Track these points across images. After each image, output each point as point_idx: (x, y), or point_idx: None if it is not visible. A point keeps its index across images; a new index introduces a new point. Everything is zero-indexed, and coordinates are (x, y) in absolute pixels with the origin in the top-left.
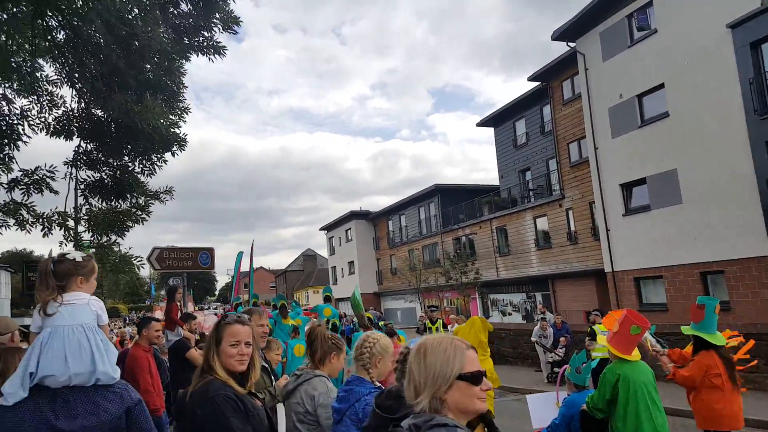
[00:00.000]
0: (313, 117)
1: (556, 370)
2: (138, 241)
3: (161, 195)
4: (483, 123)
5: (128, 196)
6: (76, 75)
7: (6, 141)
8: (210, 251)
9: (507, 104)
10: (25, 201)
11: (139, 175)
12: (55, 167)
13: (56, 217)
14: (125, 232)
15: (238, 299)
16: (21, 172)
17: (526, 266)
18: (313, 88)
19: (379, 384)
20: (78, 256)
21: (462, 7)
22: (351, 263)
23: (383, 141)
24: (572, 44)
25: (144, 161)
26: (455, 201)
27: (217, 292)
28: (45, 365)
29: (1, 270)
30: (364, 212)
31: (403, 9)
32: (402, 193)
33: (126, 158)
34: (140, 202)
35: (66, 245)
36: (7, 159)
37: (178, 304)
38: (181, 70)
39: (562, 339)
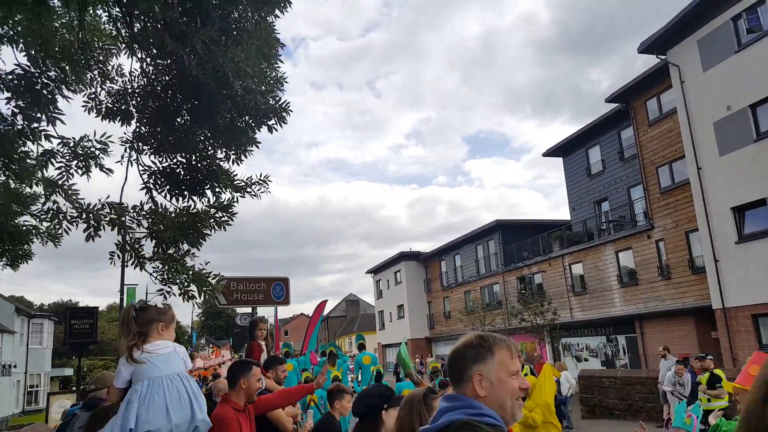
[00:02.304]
0: (350, 167)
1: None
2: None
3: (254, 186)
4: (550, 153)
5: (208, 189)
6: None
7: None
8: (285, 282)
9: (578, 130)
10: (64, 182)
11: (222, 163)
12: (109, 137)
13: (108, 210)
14: (201, 241)
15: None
16: (60, 142)
17: (607, 306)
18: (349, 139)
19: None
20: (160, 302)
21: (492, 56)
22: (400, 307)
23: (419, 188)
24: (662, 56)
25: (229, 140)
26: (518, 238)
27: None
28: (147, 419)
29: (44, 319)
30: (414, 253)
31: (434, 61)
32: (439, 239)
33: (207, 135)
34: (222, 199)
35: (118, 258)
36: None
37: (263, 344)
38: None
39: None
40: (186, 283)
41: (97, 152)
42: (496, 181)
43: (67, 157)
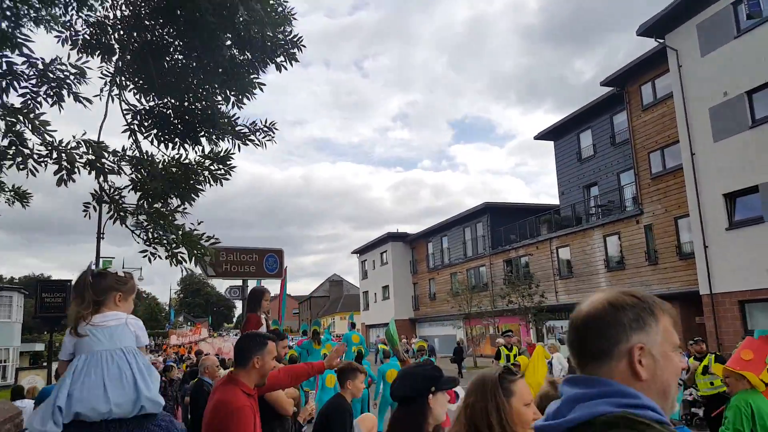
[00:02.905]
0: (336, 147)
1: (694, 410)
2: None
3: (258, 133)
4: (541, 136)
5: (203, 136)
6: None
7: None
8: (278, 254)
9: (570, 114)
10: (28, 109)
11: (221, 106)
12: (86, 61)
13: (84, 149)
14: (194, 197)
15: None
16: (25, 62)
17: (593, 290)
18: (336, 119)
19: None
20: (120, 270)
21: (480, 41)
22: (385, 288)
23: (404, 171)
24: (661, 40)
25: (229, 81)
26: (506, 221)
27: (235, 319)
28: (80, 398)
29: (14, 292)
30: (401, 234)
31: (423, 43)
32: (422, 222)
33: (203, 74)
34: (218, 149)
35: (95, 210)
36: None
37: (262, 317)
38: None
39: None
40: (174, 245)
41: (71, 78)
42: (480, 166)
43: (34, 81)
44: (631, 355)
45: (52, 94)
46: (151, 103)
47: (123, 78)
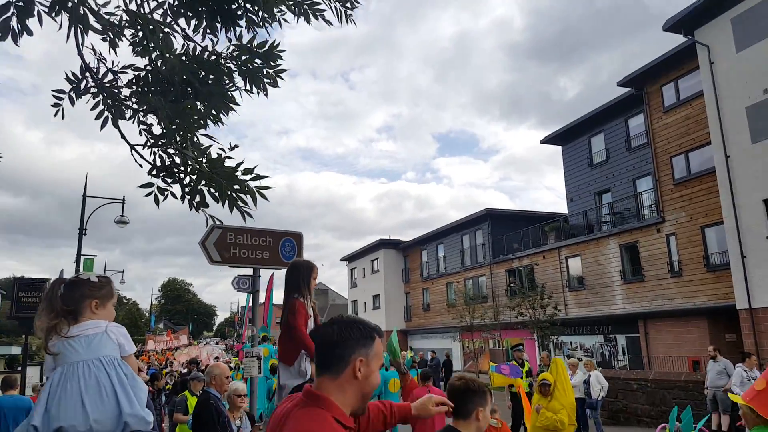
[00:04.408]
0: (320, 157)
1: None
2: (133, 271)
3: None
4: (548, 140)
5: (240, 18)
6: None
7: None
8: (297, 238)
9: (580, 117)
10: None
11: None
12: None
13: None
14: (230, 106)
15: (266, 329)
16: None
17: (607, 303)
18: (321, 129)
19: None
20: (93, 276)
21: (465, 57)
22: (376, 297)
23: (388, 182)
24: (689, 36)
25: None
26: (508, 229)
27: (215, 327)
28: (57, 415)
29: None
30: (393, 241)
31: (409, 57)
32: (405, 233)
33: None
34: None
35: (71, 102)
36: None
37: (309, 305)
38: None
39: None
40: (194, 174)
41: None
42: (464, 180)
43: None
44: None
45: None
46: None
47: None
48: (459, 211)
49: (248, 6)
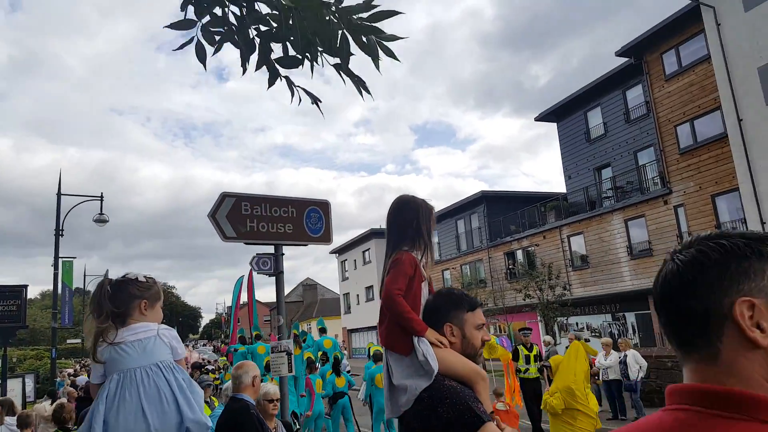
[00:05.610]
0: (299, 153)
1: None
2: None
3: None
4: (542, 118)
5: None
6: None
7: None
8: (323, 207)
9: (576, 92)
10: None
11: None
12: None
13: None
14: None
15: (257, 328)
16: None
17: (614, 280)
18: (299, 125)
19: None
20: (141, 275)
21: (439, 48)
22: (369, 289)
23: (368, 175)
24: None
25: None
26: (504, 210)
27: (201, 329)
28: (116, 425)
29: None
30: (384, 230)
31: (382, 51)
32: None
33: None
34: None
35: None
36: None
37: (421, 260)
38: None
39: None
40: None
41: None
42: (443, 170)
43: None
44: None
45: None
46: None
47: None
48: (440, 201)
49: None
